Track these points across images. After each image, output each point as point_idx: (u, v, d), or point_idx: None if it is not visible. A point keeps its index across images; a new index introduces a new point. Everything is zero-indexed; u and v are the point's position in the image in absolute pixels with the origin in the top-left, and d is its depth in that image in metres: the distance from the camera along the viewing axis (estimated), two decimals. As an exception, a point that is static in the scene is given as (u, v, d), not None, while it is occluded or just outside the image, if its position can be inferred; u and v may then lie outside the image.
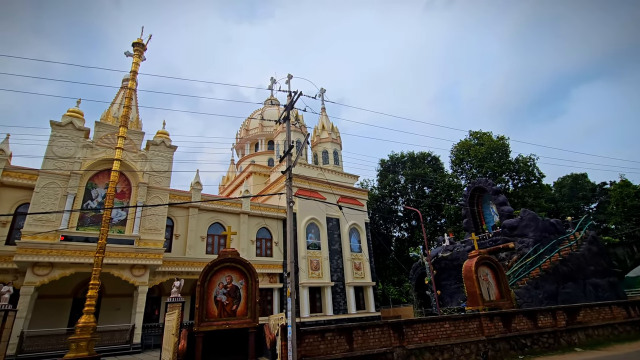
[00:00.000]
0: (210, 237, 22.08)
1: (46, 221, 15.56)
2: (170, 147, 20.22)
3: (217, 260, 10.27)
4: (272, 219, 24.58)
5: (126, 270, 17.16)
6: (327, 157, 30.85)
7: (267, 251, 24.10)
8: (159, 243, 18.14)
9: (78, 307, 17.80)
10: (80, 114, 18.01)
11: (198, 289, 9.87)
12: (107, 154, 17.58)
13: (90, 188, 17.32)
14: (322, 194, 26.62)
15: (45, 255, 15.15)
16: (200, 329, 9.49)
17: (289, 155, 9.06)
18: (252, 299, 10.42)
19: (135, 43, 11.72)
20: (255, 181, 30.75)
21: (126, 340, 16.57)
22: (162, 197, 19.12)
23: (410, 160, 43.32)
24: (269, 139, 37.64)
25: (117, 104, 19.42)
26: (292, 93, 9.57)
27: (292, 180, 8.71)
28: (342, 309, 24.64)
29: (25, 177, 16.79)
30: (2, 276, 15.46)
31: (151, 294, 19.39)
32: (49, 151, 16.62)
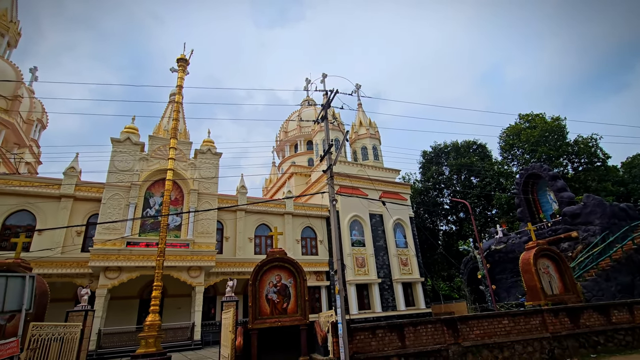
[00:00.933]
0: (258, 238, 22.88)
1: (113, 229, 17.15)
2: (216, 154, 21.27)
3: (266, 260, 10.64)
4: (316, 217, 24.88)
5: (184, 272, 18.36)
6: (366, 153, 30.55)
7: (312, 250, 24.44)
8: (211, 245, 19.18)
9: (144, 307, 19.42)
10: (135, 130, 19.61)
11: (250, 288, 10.30)
12: (161, 165, 18.95)
13: (148, 197, 18.79)
14: (363, 191, 26.42)
15: (114, 260, 16.70)
16: (254, 326, 9.90)
17: (329, 154, 9.13)
18: (301, 297, 10.65)
19: (179, 59, 12.52)
20: (297, 182, 31.30)
21: (187, 337, 17.74)
22: (212, 202, 20.17)
23: (455, 150, 41.43)
24: (308, 139, 38.08)
25: (166, 118, 20.85)
26: (328, 92, 9.62)
27: (333, 178, 8.76)
28: (390, 306, 24.30)
29: (93, 190, 18.63)
30: (80, 280, 17.29)
31: (207, 293, 20.54)
32: (112, 166, 18.30)
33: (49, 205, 17.67)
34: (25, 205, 17.28)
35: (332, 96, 9.46)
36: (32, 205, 17.36)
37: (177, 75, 12.48)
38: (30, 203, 17.35)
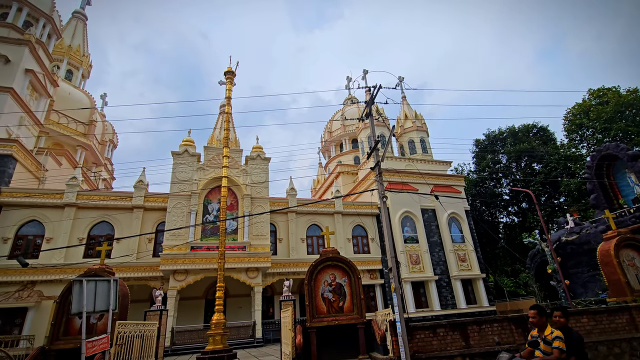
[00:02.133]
0: (309, 238, 23.30)
1: (178, 235, 18.61)
2: (265, 159, 22.09)
3: (320, 260, 10.81)
4: (366, 215, 24.69)
5: (242, 273, 19.33)
6: (413, 146, 29.61)
7: (364, 248, 24.29)
8: (266, 247, 19.95)
9: (209, 306, 20.80)
10: (191, 142, 21.10)
11: (305, 287, 10.55)
12: (216, 173, 20.16)
13: (206, 204, 20.09)
14: (413, 186, 25.66)
15: (181, 263, 18.11)
16: (312, 325, 10.11)
17: (376, 151, 9.02)
18: (357, 296, 10.66)
19: (226, 72, 13.24)
20: (344, 181, 31.31)
21: (250, 335, 18.64)
22: (264, 206, 20.98)
23: (512, 135, 38.42)
24: (353, 137, 37.92)
25: (218, 129, 22.12)
26: (371, 88, 9.50)
27: (382, 175, 8.65)
28: (450, 304, 23.29)
29: (159, 200, 20.39)
30: (153, 282, 19.03)
31: (265, 293, 21.40)
32: (173, 177, 19.89)
33: (124, 216, 19.70)
34: (105, 217, 19.46)
35: (376, 92, 9.33)
36: (110, 217, 19.50)
37: (226, 88, 13.21)
38: (109, 215, 19.50)
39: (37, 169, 21.10)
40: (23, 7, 22.65)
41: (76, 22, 32.35)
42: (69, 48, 30.50)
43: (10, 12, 22.24)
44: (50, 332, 9.51)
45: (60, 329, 9.54)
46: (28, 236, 18.20)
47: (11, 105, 19.78)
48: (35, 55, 22.00)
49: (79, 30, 32.20)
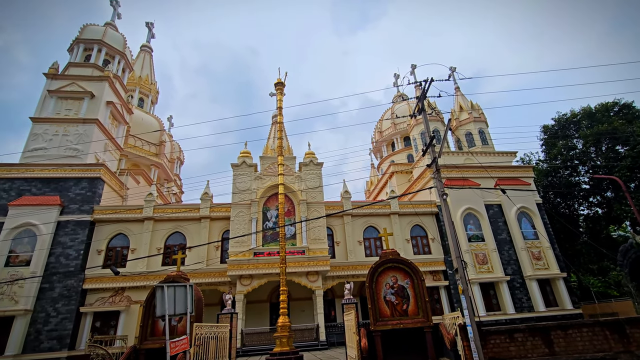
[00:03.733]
0: (367, 240, 23.09)
1: (242, 242, 19.69)
2: (318, 165, 22.48)
3: (380, 262, 10.67)
4: (424, 215, 23.79)
5: (303, 276, 19.78)
6: (472, 139, 27.88)
7: (424, 249, 23.40)
8: (324, 251, 20.21)
9: (273, 309, 21.61)
10: (248, 154, 22.30)
11: (367, 290, 10.47)
12: (272, 181, 21.02)
13: (265, 211, 21.01)
14: (474, 181, 24.13)
15: (246, 269, 19.11)
16: (376, 328, 9.99)
17: (432, 147, 8.69)
18: (421, 298, 10.30)
19: (277, 83, 13.82)
20: (398, 180, 30.54)
21: (314, 337, 18.95)
22: (319, 210, 21.31)
23: (587, 116, 34.18)
24: (404, 135, 36.90)
25: (271, 139, 23.08)
26: (422, 83, 9.19)
27: (439, 171, 8.29)
28: (525, 307, 21.34)
29: (223, 210, 21.80)
30: (222, 287, 20.34)
31: (325, 296, 21.63)
32: (234, 187, 21.16)
33: (193, 226, 21.42)
34: (178, 228, 21.35)
35: (427, 86, 9.00)
36: (182, 227, 21.35)
37: (277, 98, 13.78)
38: (181, 226, 21.35)
39: (121, 188, 23.90)
40: (102, 47, 25.98)
41: (144, 55, 36.22)
42: (139, 79, 34.21)
43: (92, 53, 25.67)
44: (139, 333, 10.65)
45: (147, 330, 10.64)
46: (116, 248, 20.66)
47: (97, 134, 22.73)
48: (114, 89, 25.04)
49: (147, 62, 35.99)
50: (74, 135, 22.00)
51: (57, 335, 17.61)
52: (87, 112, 22.86)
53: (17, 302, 17.49)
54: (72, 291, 18.59)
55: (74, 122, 22.39)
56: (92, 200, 20.65)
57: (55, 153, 21.34)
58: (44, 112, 22.47)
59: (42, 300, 18.17)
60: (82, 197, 20.57)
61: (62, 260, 19.05)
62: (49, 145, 21.51)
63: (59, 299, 18.34)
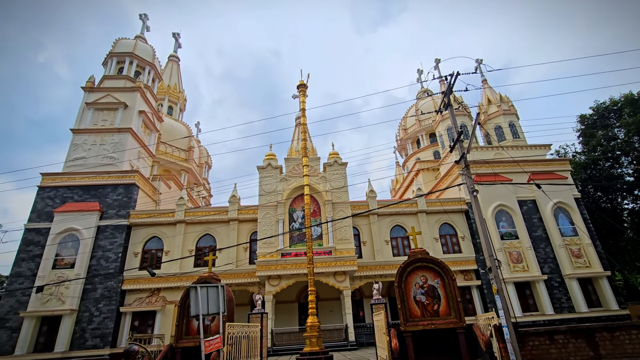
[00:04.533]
0: (394, 240, 22.78)
1: (269, 243, 20.01)
2: (342, 165, 22.45)
3: (408, 262, 10.50)
4: (453, 213, 23.16)
5: (330, 277, 19.81)
6: (501, 132, 26.82)
7: (454, 247, 22.77)
8: (351, 251, 20.14)
9: (302, 309, 21.78)
10: (273, 156, 22.64)
11: (396, 290, 10.33)
12: (297, 182, 21.22)
13: (291, 212, 21.24)
14: (505, 176, 23.21)
15: (274, 269, 19.39)
16: (407, 329, 9.84)
17: (460, 142, 8.45)
18: (452, 298, 10.05)
19: (299, 85, 13.96)
20: (425, 178, 29.91)
21: (343, 337, 18.91)
22: (345, 210, 21.27)
23: (629, 103, 31.85)
24: (430, 132, 36.11)
25: (295, 140, 23.31)
26: (447, 77, 8.95)
27: (469, 167, 8.05)
28: (565, 307, 20.25)
29: (250, 212, 22.25)
30: (251, 287, 20.77)
31: (353, 296, 21.52)
32: (261, 189, 21.55)
33: (223, 229, 22.02)
34: (208, 230, 22.02)
35: (453, 80, 8.75)
36: (212, 230, 22.00)
37: (299, 100, 13.91)
38: (211, 228, 22.01)
39: (154, 193, 24.97)
40: (133, 59, 27.29)
41: (171, 65, 37.68)
42: (168, 87, 35.61)
43: (124, 65, 27.03)
44: (175, 332, 11.08)
45: (183, 329, 11.05)
46: (151, 250, 21.61)
47: (131, 142, 23.89)
48: (145, 98, 26.23)
49: (174, 71, 37.41)
50: (110, 144, 23.25)
51: (100, 333, 18.66)
52: (122, 122, 24.10)
53: (63, 302, 18.71)
54: (112, 292, 19.64)
55: (110, 131, 23.66)
56: (128, 205, 21.71)
57: (93, 162, 22.65)
58: (82, 123, 23.91)
59: (86, 300, 19.33)
60: (119, 202, 21.69)
61: (103, 263, 20.18)
62: (88, 155, 22.86)
63: (100, 299, 19.43)
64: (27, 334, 18.01)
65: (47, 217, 20.86)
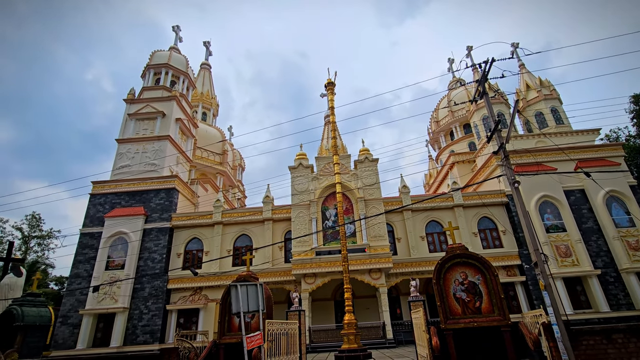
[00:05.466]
0: (430, 235, 22.22)
1: (304, 242, 20.26)
2: (373, 161, 22.22)
3: (446, 258, 10.19)
4: (492, 206, 22.16)
5: (365, 274, 19.70)
6: (543, 119, 25.22)
7: (494, 242, 21.80)
8: (385, 248, 19.91)
9: (338, 307, 21.86)
10: (304, 156, 22.89)
11: (434, 287, 10.07)
12: (329, 181, 21.30)
13: (324, 210, 21.36)
14: (549, 165, 21.84)
15: (309, 267, 19.62)
16: (448, 327, 9.57)
17: (497, 132, 8.06)
18: (495, 295, 9.62)
19: (327, 84, 13.98)
20: (460, 171, 28.86)
21: (380, 335, 18.75)
22: (378, 207, 21.04)
23: (691, 80, 28.77)
24: (463, 122, 34.77)
25: (325, 139, 23.39)
26: (481, 64, 8.56)
27: (508, 158, 7.66)
28: (623, 304, 18.71)
29: (284, 212, 22.66)
30: (287, 286, 21.14)
31: (390, 294, 21.26)
32: (293, 189, 21.87)
33: (258, 229, 22.60)
34: (244, 231, 22.71)
35: (488, 67, 8.34)
36: (248, 230, 22.66)
37: (328, 98, 13.94)
38: (247, 228, 22.68)
39: (192, 196, 26.13)
40: (168, 70, 28.68)
41: (203, 72, 39.17)
42: (201, 94, 37.07)
43: (161, 76, 28.48)
44: (218, 328, 11.55)
45: (225, 326, 11.49)
46: (192, 251, 22.65)
47: (170, 149, 25.16)
48: (180, 106, 27.49)
49: (207, 78, 38.86)
50: (151, 152, 24.63)
51: (150, 330, 19.86)
52: (160, 130, 25.43)
53: (116, 301, 20.11)
54: (159, 291, 20.83)
55: (150, 139, 25.05)
56: (170, 208, 22.89)
57: (137, 169, 24.12)
58: (126, 133, 25.52)
59: (136, 299, 20.65)
60: (162, 206, 22.93)
61: (149, 264, 21.44)
62: (132, 162, 24.38)
63: (148, 297, 20.67)
64: (87, 330, 19.58)
65: (98, 222, 22.51)
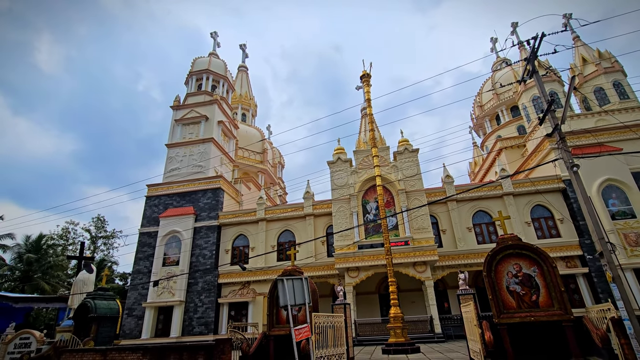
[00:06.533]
0: (477, 226, 21.22)
1: (346, 236, 20.30)
2: (413, 151, 21.59)
3: (498, 249, 9.69)
4: (547, 192, 20.60)
5: (410, 267, 19.30)
6: (604, 95, 22.84)
7: (550, 231, 20.28)
8: (430, 240, 19.33)
9: (383, 300, 21.65)
10: (342, 150, 22.85)
11: (485, 280, 9.63)
12: (368, 174, 21.08)
13: (364, 204, 21.20)
14: (611, 145, 19.80)
15: (352, 261, 19.63)
16: (501, 321, 9.12)
17: (551, 112, 7.45)
18: (554, 288, 8.99)
19: (362, 76, 13.81)
20: (509, 157, 27.12)
21: (428, 330, 18.30)
22: (420, 198, 20.46)
23: None
24: (511, 105, 32.58)
25: (363, 132, 23.14)
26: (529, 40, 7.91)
27: (565, 140, 7.06)
28: None
29: (324, 207, 22.85)
30: (331, 279, 21.34)
31: (436, 287, 20.64)
32: (332, 184, 21.96)
33: (300, 224, 23.04)
34: (287, 226, 23.27)
35: (538, 42, 7.67)
36: (290, 226, 23.19)
37: (364, 90, 13.76)
38: (289, 224, 23.22)
39: (236, 195, 27.25)
40: (209, 75, 30.01)
41: (241, 75, 40.48)
42: (240, 96, 38.37)
43: (202, 82, 29.88)
44: (267, 321, 11.99)
45: (273, 318, 11.90)
46: (239, 247, 23.67)
47: (214, 151, 26.41)
48: (222, 109, 28.68)
49: (244, 80, 40.13)
50: (197, 154, 26.05)
51: (204, 321, 21.14)
52: (204, 133, 26.77)
53: (173, 295, 21.63)
54: (210, 285, 22.07)
55: (195, 143, 26.48)
56: (217, 207, 24.08)
57: (185, 171, 25.64)
58: (174, 138, 27.19)
59: (190, 293, 22.06)
60: (209, 205, 24.19)
61: (201, 260, 22.77)
62: (180, 165, 25.97)
63: (202, 291, 21.99)
64: (149, 321, 21.32)
65: (154, 222, 24.29)
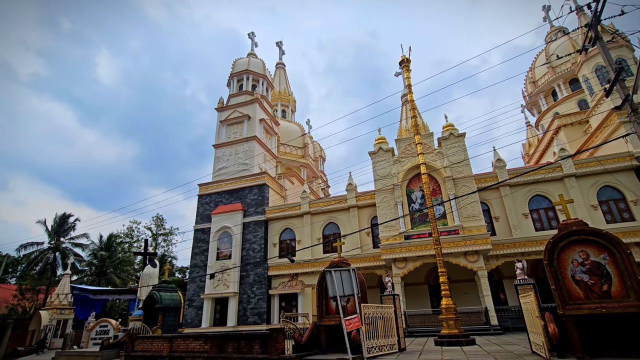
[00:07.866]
0: (534, 212, 19.76)
1: (391, 227, 20.00)
2: (459, 136, 20.56)
3: (560, 236, 8.95)
4: (616, 172, 18.57)
5: (460, 257, 18.55)
6: (685, 58, 19.92)
7: (622, 215, 18.30)
8: (481, 228, 18.40)
9: (433, 291, 21.08)
10: (384, 139, 22.42)
11: (547, 269, 8.97)
12: (412, 162, 20.49)
13: (409, 193, 20.68)
14: (699, 115, 17.23)
15: (399, 252, 19.32)
16: (567, 313, 8.47)
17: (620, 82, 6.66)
18: (630, 277, 8.12)
19: (401, 61, 13.37)
20: (569, 136, 24.82)
21: (483, 321, 17.51)
22: (469, 185, 19.49)
23: None
24: (569, 78, 29.66)
25: (404, 120, 22.49)
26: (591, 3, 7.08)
27: (637, 111, 6.28)
28: None
29: (367, 198, 22.67)
30: (377, 270, 21.20)
31: (490, 277, 19.62)
32: (375, 174, 21.68)
33: (344, 216, 23.09)
34: (331, 219, 23.47)
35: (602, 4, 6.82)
36: (335, 218, 23.35)
37: (404, 76, 13.33)
38: (333, 217, 23.38)
39: (281, 190, 27.98)
40: (249, 75, 30.96)
41: (279, 72, 41.20)
42: (279, 93, 39.13)
43: (243, 82, 30.91)
44: (317, 311, 12.26)
45: (323, 309, 12.14)
46: (286, 240, 24.35)
47: (258, 148, 27.31)
48: (263, 108, 29.49)
49: (282, 77, 40.82)
50: (242, 153, 27.13)
51: (257, 312, 22.15)
52: (248, 132, 27.77)
53: (228, 287, 22.90)
54: (261, 277, 23.03)
55: (240, 142, 27.57)
56: (263, 203, 24.94)
57: (232, 169, 26.86)
58: (220, 138, 28.53)
59: (243, 285, 23.20)
60: (256, 201, 25.13)
61: (251, 253, 23.80)
62: (227, 164, 27.26)
63: (253, 283, 23.03)
64: (208, 311, 22.82)
65: (207, 218, 25.80)
